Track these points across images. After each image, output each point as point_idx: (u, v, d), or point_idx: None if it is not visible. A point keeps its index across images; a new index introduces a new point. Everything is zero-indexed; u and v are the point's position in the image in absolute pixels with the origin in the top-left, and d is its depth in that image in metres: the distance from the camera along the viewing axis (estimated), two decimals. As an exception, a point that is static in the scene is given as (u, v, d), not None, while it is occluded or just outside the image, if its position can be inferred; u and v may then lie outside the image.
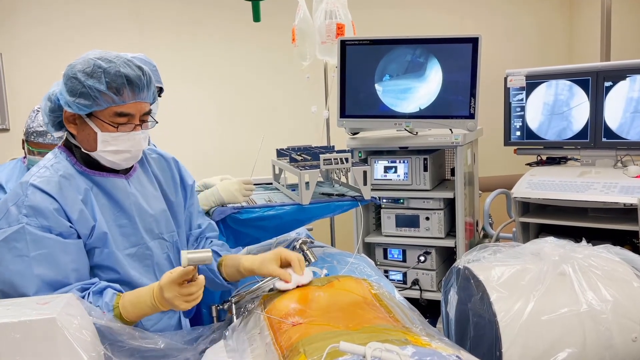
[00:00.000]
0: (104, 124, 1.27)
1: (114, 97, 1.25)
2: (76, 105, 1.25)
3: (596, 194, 2.24)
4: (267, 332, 1.17)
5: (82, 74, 1.24)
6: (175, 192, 1.50)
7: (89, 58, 1.27)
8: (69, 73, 1.26)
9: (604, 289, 1.26)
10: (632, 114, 2.44)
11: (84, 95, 1.24)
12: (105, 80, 1.24)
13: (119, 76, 1.25)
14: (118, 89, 1.25)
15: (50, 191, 1.24)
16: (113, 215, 1.33)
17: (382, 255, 2.79)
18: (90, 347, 1.07)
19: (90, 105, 1.25)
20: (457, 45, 2.50)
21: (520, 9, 3.77)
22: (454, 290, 1.51)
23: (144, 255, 1.38)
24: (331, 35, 2.68)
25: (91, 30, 3.31)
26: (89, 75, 1.24)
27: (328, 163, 1.77)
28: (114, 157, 1.31)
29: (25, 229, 1.19)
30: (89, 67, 1.25)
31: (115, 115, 1.27)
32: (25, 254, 1.19)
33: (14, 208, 1.21)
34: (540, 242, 1.43)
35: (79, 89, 1.24)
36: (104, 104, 1.25)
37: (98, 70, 1.24)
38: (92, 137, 1.29)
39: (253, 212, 1.74)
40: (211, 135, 3.57)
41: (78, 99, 1.25)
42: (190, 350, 1.26)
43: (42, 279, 1.20)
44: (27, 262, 1.19)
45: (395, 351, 0.87)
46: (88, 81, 1.23)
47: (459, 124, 2.52)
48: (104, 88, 1.24)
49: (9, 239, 1.19)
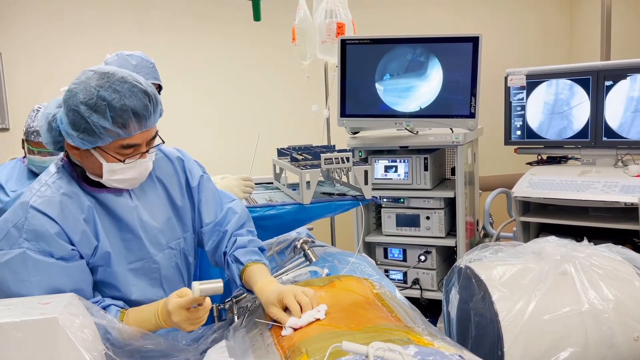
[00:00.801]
0: (109, 156, 1.22)
1: (119, 132, 1.18)
2: (79, 140, 1.18)
3: (597, 193, 2.24)
4: (268, 333, 1.16)
5: (84, 107, 1.16)
6: (182, 195, 1.44)
7: (91, 87, 1.17)
8: (71, 104, 1.17)
9: (605, 288, 1.26)
10: (633, 113, 2.43)
11: (88, 132, 1.17)
12: (111, 116, 1.16)
13: (125, 110, 1.17)
14: (124, 124, 1.18)
15: (51, 214, 1.20)
16: (117, 231, 1.30)
17: (383, 255, 2.79)
18: (92, 346, 1.07)
19: (94, 141, 1.19)
20: (458, 45, 2.50)
21: (521, 8, 3.77)
22: (455, 289, 1.51)
23: (151, 269, 1.35)
24: (331, 34, 2.68)
25: (91, 29, 3.31)
26: (92, 110, 1.15)
27: (329, 162, 1.77)
28: (121, 184, 1.27)
29: (26, 254, 1.17)
30: (92, 99, 1.16)
31: (122, 147, 1.21)
32: (26, 279, 1.17)
33: (14, 230, 1.18)
34: (542, 241, 1.43)
35: (82, 124, 1.16)
36: (109, 139, 1.18)
37: (102, 104, 1.15)
38: (97, 165, 1.23)
39: (254, 211, 1.74)
40: (211, 134, 3.56)
41: (81, 134, 1.17)
42: (191, 350, 1.26)
43: None
44: (28, 287, 1.18)
45: (397, 351, 0.87)
46: (92, 117, 1.15)
47: (459, 123, 2.52)
48: (109, 125, 1.16)
49: (10, 263, 1.18)
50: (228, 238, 1.46)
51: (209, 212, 1.48)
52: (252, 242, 1.46)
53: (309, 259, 1.58)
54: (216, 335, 1.31)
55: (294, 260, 1.64)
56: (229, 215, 1.49)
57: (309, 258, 1.58)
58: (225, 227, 1.47)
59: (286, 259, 1.73)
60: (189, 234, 1.46)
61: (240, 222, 1.49)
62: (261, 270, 1.37)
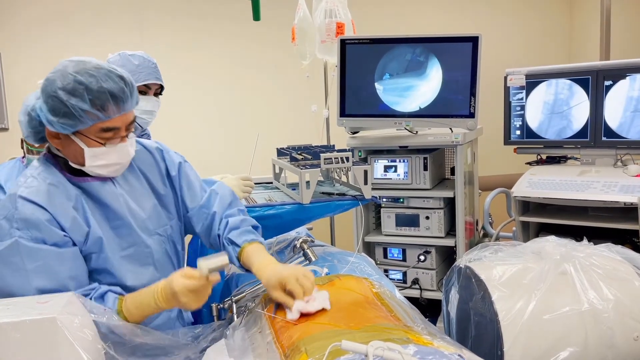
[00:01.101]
0: (90, 141, 1.23)
1: (98, 114, 1.20)
2: (60, 125, 1.20)
3: (596, 193, 2.24)
4: (268, 331, 1.16)
5: (63, 92, 1.18)
6: (163, 184, 1.46)
7: (67, 73, 1.19)
8: (49, 91, 1.20)
9: (605, 288, 1.26)
10: (632, 113, 2.43)
11: (68, 115, 1.19)
12: (89, 98, 1.18)
13: (103, 92, 1.19)
14: (103, 105, 1.20)
15: (40, 202, 1.21)
16: (106, 218, 1.31)
17: (382, 255, 2.79)
18: (91, 346, 1.07)
19: (74, 125, 1.20)
20: (457, 44, 2.50)
21: (520, 8, 3.77)
22: (455, 289, 1.51)
23: (144, 253, 1.37)
24: (331, 34, 2.68)
25: (91, 29, 3.31)
26: (71, 94, 1.18)
27: (329, 162, 1.77)
28: (104, 170, 1.28)
29: (18, 242, 1.18)
30: (69, 83, 1.18)
31: (102, 131, 1.23)
32: (22, 268, 1.18)
33: (5, 222, 1.19)
34: (542, 241, 1.43)
35: (62, 108, 1.18)
36: (89, 121, 1.20)
37: (79, 88, 1.18)
38: (78, 152, 1.24)
39: (253, 211, 1.73)
40: (211, 134, 3.56)
41: (62, 119, 1.19)
42: (191, 348, 1.26)
43: (41, 290, 1.19)
44: (24, 276, 1.18)
45: (397, 350, 0.87)
46: (71, 100, 1.18)
47: (459, 123, 2.52)
48: (88, 107, 1.18)
49: (4, 254, 1.18)
50: (219, 220, 1.48)
51: (192, 196, 1.49)
52: (245, 221, 1.48)
53: (308, 259, 1.58)
54: (215, 335, 1.31)
55: (293, 259, 1.64)
56: (212, 197, 1.51)
57: (309, 257, 1.58)
58: (213, 209, 1.48)
59: (286, 258, 1.72)
60: (175, 221, 1.48)
61: (226, 201, 1.51)
62: (258, 251, 1.39)
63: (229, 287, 1.69)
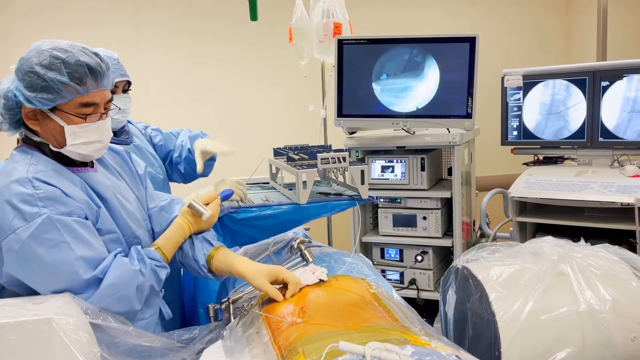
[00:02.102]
0: (69, 117, 1.22)
1: (77, 88, 1.20)
2: (38, 101, 1.19)
3: (593, 194, 2.24)
4: (265, 332, 1.16)
5: (40, 67, 1.18)
6: (136, 181, 1.49)
7: (42, 50, 1.20)
8: (25, 68, 1.19)
9: (602, 288, 1.26)
10: (629, 114, 2.44)
11: (46, 89, 1.18)
12: (67, 72, 1.18)
13: (80, 65, 1.20)
14: (81, 78, 1.20)
15: (53, 182, 1.20)
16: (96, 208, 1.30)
17: (380, 255, 2.79)
18: (87, 348, 1.06)
19: (54, 99, 1.19)
20: (455, 45, 2.50)
21: (518, 9, 3.78)
22: (452, 290, 1.51)
23: (133, 243, 1.37)
24: (328, 34, 2.67)
25: (87, 28, 3.29)
26: (48, 68, 1.18)
27: (325, 162, 1.76)
28: (85, 149, 1.26)
29: (51, 217, 1.15)
30: (46, 59, 1.18)
31: (81, 106, 1.22)
32: (61, 241, 1.16)
33: (24, 205, 1.15)
34: (539, 241, 1.43)
35: (39, 83, 1.18)
36: (69, 95, 1.20)
37: (56, 62, 1.18)
38: (57, 131, 1.23)
39: (250, 211, 1.73)
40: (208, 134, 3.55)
41: (40, 93, 1.18)
42: (187, 350, 1.25)
43: (85, 260, 1.18)
44: (66, 248, 1.16)
45: (394, 351, 0.86)
46: (48, 74, 1.18)
47: (456, 123, 2.52)
48: (67, 79, 1.18)
49: (37, 233, 1.14)
50: None
51: (152, 197, 1.53)
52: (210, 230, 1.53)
53: (305, 259, 1.58)
54: (212, 336, 1.31)
55: (290, 260, 1.64)
56: (174, 204, 1.55)
57: (306, 258, 1.58)
58: (175, 214, 1.51)
59: (283, 259, 1.72)
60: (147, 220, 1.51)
61: None
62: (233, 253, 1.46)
63: (226, 288, 1.68)
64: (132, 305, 1.24)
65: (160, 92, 3.44)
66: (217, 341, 1.24)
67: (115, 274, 1.21)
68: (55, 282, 1.17)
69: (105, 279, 1.19)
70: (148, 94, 3.42)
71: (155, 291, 1.32)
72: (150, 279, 1.28)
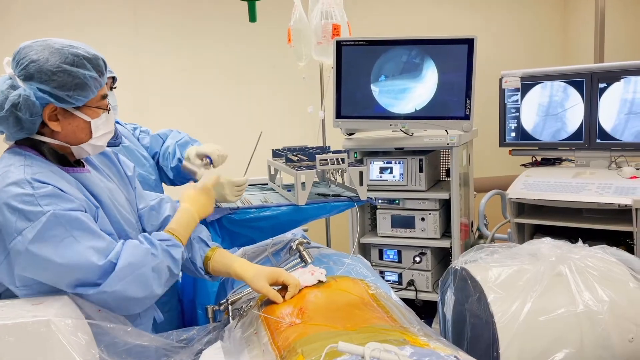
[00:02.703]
0: (93, 111, 1.26)
1: (100, 81, 1.25)
2: (75, 99, 1.21)
3: (591, 195, 2.25)
4: (264, 333, 1.16)
5: (67, 65, 1.19)
6: (126, 186, 1.48)
7: (55, 49, 1.20)
8: (50, 68, 1.18)
9: (600, 289, 1.26)
10: (627, 115, 2.45)
11: (80, 86, 1.20)
12: (91, 66, 1.22)
13: (97, 59, 1.24)
14: (101, 70, 1.25)
15: (51, 182, 1.18)
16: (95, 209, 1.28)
17: (378, 256, 2.79)
18: (85, 349, 1.06)
19: (88, 95, 1.23)
20: (453, 46, 2.51)
21: (515, 11, 3.79)
22: (451, 291, 1.51)
23: None
24: (327, 35, 2.67)
25: (86, 28, 3.29)
26: (74, 66, 1.20)
27: (324, 163, 1.77)
28: (102, 140, 1.30)
29: (55, 214, 1.13)
30: (68, 57, 1.20)
31: (102, 98, 1.27)
32: (69, 235, 1.14)
33: (26, 205, 1.12)
34: (537, 242, 1.43)
35: (71, 81, 1.19)
36: (95, 89, 1.24)
37: (78, 59, 1.21)
38: (80, 128, 1.25)
39: (249, 212, 1.73)
40: (207, 135, 3.53)
41: (75, 91, 1.20)
42: (185, 351, 1.25)
43: (95, 249, 1.17)
44: (74, 242, 1.15)
45: (393, 351, 0.87)
46: (79, 71, 1.20)
47: (454, 125, 2.52)
48: (95, 74, 1.23)
49: (43, 232, 1.12)
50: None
51: (141, 197, 1.52)
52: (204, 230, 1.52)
53: (304, 260, 1.58)
54: (211, 337, 1.31)
55: (289, 261, 1.64)
56: (163, 203, 1.54)
57: (305, 259, 1.58)
58: (166, 213, 1.51)
59: (281, 260, 1.72)
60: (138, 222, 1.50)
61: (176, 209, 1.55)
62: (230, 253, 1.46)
63: (225, 289, 1.68)
64: (151, 287, 1.22)
65: (159, 93, 3.44)
66: (216, 342, 1.24)
67: (128, 254, 1.20)
68: (70, 276, 1.15)
69: (119, 262, 1.18)
70: (147, 95, 3.42)
71: (174, 274, 1.29)
72: (165, 260, 1.26)
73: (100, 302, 1.17)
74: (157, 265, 1.24)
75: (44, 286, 1.17)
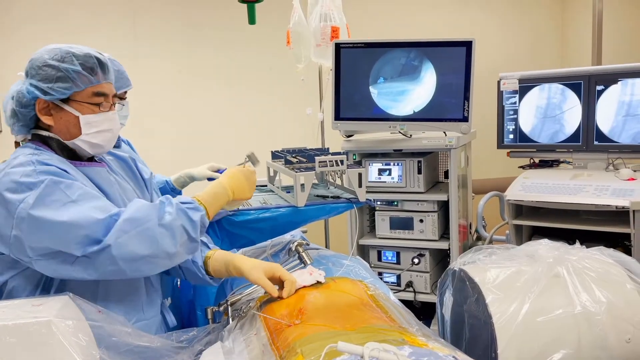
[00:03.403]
0: (84, 106, 1.29)
1: (90, 77, 1.28)
2: (55, 90, 1.26)
3: (588, 197, 2.26)
4: (263, 333, 1.16)
5: (53, 60, 1.27)
6: (142, 189, 1.50)
7: (51, 48, 1.29)
8: (38, 64, 1.27)
9: (598, 290, 1.27)
10: (624, 118, 2.46)
11: (62, 79, 1.26)
12: (78, 62, 1.27)
13: (90, 57, 1.29)
14: (92, 68, 1.29)
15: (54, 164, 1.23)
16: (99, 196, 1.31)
17: (376, 258, 2.79)
18: (86, 350, 1.06)
19: (69, 87, 1.27)
20: (451, 49, 2.52)
21: (513, 13, 3.80)
22: (449, 292, 1.52)
23: None
24: (326, 38, 2.69)
25: (85, 32, 3.30)
26: (60, 61, 1.27)
27: (323, 165, 1.77)
28: (97, 138, 1.32)
29: (53, 180, 1.18)
30: (57, 54, 1.27)
31: (93, 95, 1.30)
32: (68, 199, 1.18)
33: (27, 178, 1.18)
34: (535, 244, 1.44)
35: (54, 74, 1.26)
36: (82, 85, 1.28)
37: (67, 55, 1.27)
38: (71, 122, 1.29)
39: (248, 214, 1.73)
40: (206, 137, 3.56)
41: (56, 83, 1.26)
42: (186, 351, 1.25)
43: (98, 207, 1.19)
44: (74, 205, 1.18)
45: (392, 351, 0.87)
46: (62, 65, 1.26)
47: (452, 126, 2.54)
48: (79, 69, 1.27)
49: (44, 197, 1.17)
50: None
51: None
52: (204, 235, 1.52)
53: (303, 262, 1.58)
54: (210, 337, 1.31)
55: (288, 262, 1.64)
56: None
57: (304, 260, 1.58)
58: None
59: (281, 261, 1.72)
60: None
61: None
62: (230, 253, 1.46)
63: (224, 290, 1.68)
64: (160, 244, 1.21)
65: (157, 96, 3.44)
66: (216, 343, 1.25)
67: (133, 210, 1.22)
68: (75, 234, 1.16)
69: (121, 216, 1.19)
70: (146, 99, 3.42)
71: (192, 238, 1.28)
72: (179, 218, 1.25)
73: (110, 263, 1.17)
74: (169, 222, 1.23)
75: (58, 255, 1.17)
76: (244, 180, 1.49)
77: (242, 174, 1.51)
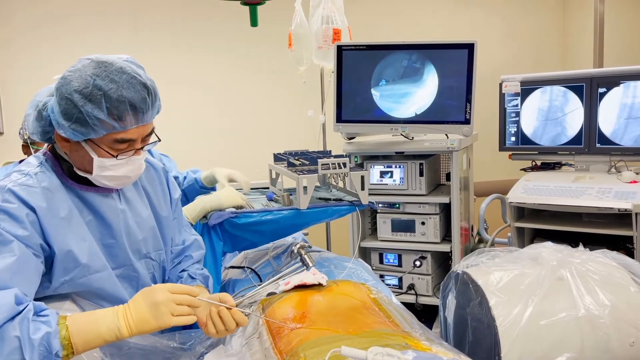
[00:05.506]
0: (101, 150, 1.13)
1: (114, 124, 1.10)
2: (71, 131, 1.10)
3: (591, 199, 2.26)
4: (266, 337, 1.16)
5: (78, 95, 1.08)
6: (166, 206, 1.39)
7: (86, 74, 1.09)
8: (64, 92, 1.09)
9: (601, 293, 1.27)
10: (626, 120, 2.46)
11: (81, 122, 1.09)
12: (106, 106, 1.08)
13: (122, 102, 1.09)
14: (120, 115, 1.10)
15: (31, 202, 1.10)
16: (99, 233, 1.21)
17: (378, 260, 2.79)
18: (88, 352, 1.06)
19: (86, 133, 1.10)
20: (453, 51, 2.52)
21: (515, 16, 3.81)
22: (452, 294, 1.52)
23: (130, 277, 1.28)
24: (328, 40, 2.68)
25: (87, 34, 3.30)
26: (87, 99, 1.08)
27: (326, 168, 1.77)
28: (110, 182, 1.18)
29: None
30: (87, 87, 1.08)
31: (115, 142, 1.13)
32: None
33: None
34: (538, 247, 1.44)
35: (75, 113, 1.08)
36: (102, 131, 1.10)
37: (97, 94, 1.08)
38: (86, 159, 1.15)
39: (251, 216, 1.73)
40: (207, 140, 3.56)
41: (73, 124, 1.09)
42: (188, 354, 1.25)
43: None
44: None
45: (396, 356, 0.87)
46: (86, 106, 1.08)
47: (454, 129, 2.53)
48: (104, 116, 1.08)
49: None
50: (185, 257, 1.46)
51: (182, 233, 1.47)
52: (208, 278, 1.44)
53: (305, 264, 1.58)
54: (213, 340, 1.31)
55: (290, 265, 1.64)
56: (195, 246, 1.48)
57: (306, 263, 1.58)
58: (191, 254, 1.46)
59: (282, 263, 1.73)
60: (168, 247, 1.40)
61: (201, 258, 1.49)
62: None
63: (226, 292, 1.68)
64: None
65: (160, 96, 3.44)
66: (219, 346, 1.25)
67: None
68: None
69: None
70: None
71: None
72: (18, 327, 0.99)
73: None
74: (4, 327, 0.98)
75: None
76: (149, 316, 1.08)
77: (152, 308, 1.08)
